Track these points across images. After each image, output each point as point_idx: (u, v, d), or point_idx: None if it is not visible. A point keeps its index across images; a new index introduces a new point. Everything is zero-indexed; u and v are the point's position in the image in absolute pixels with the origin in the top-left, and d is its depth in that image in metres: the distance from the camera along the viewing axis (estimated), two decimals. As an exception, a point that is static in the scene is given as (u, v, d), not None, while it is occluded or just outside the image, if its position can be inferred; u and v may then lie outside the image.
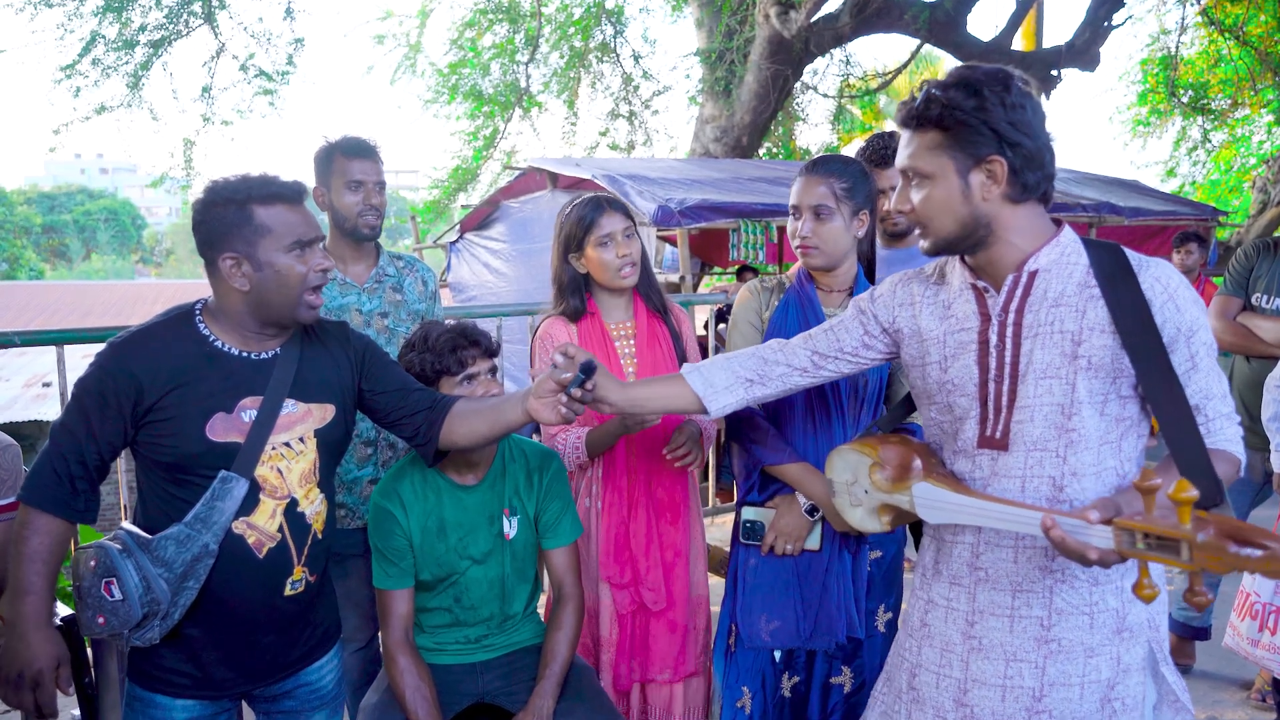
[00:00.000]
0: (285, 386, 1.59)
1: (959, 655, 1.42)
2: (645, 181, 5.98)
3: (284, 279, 1.54)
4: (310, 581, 1.65)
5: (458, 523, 1.91)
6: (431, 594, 1.95)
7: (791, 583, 1.90)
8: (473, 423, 1.68)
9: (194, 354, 1.55)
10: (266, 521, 1.57)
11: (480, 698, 1.95)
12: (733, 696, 1.92)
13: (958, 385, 1.40)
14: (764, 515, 1.91)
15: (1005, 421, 1.35)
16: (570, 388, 1.52)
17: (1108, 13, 9.30)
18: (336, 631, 1.79)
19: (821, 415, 1.89)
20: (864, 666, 1.95)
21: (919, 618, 1.50)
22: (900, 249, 2.40)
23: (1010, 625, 1.37)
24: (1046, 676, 1.35)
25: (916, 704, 1.47)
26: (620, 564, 2.10)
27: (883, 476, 1.44)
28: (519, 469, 1.97)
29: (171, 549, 1.49)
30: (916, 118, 1.34)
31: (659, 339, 2.12)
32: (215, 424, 1.53)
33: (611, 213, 2.05)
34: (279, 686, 1.70)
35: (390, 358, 1.77)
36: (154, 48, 10.10)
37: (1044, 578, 1.36)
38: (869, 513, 1.48)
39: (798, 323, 1.90)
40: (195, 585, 1.52)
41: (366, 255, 2.36)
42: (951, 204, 1.33)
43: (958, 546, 1.43)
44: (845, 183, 1.88)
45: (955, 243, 1.37)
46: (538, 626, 2.07)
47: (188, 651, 1.59)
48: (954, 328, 1.42)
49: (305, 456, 1.61)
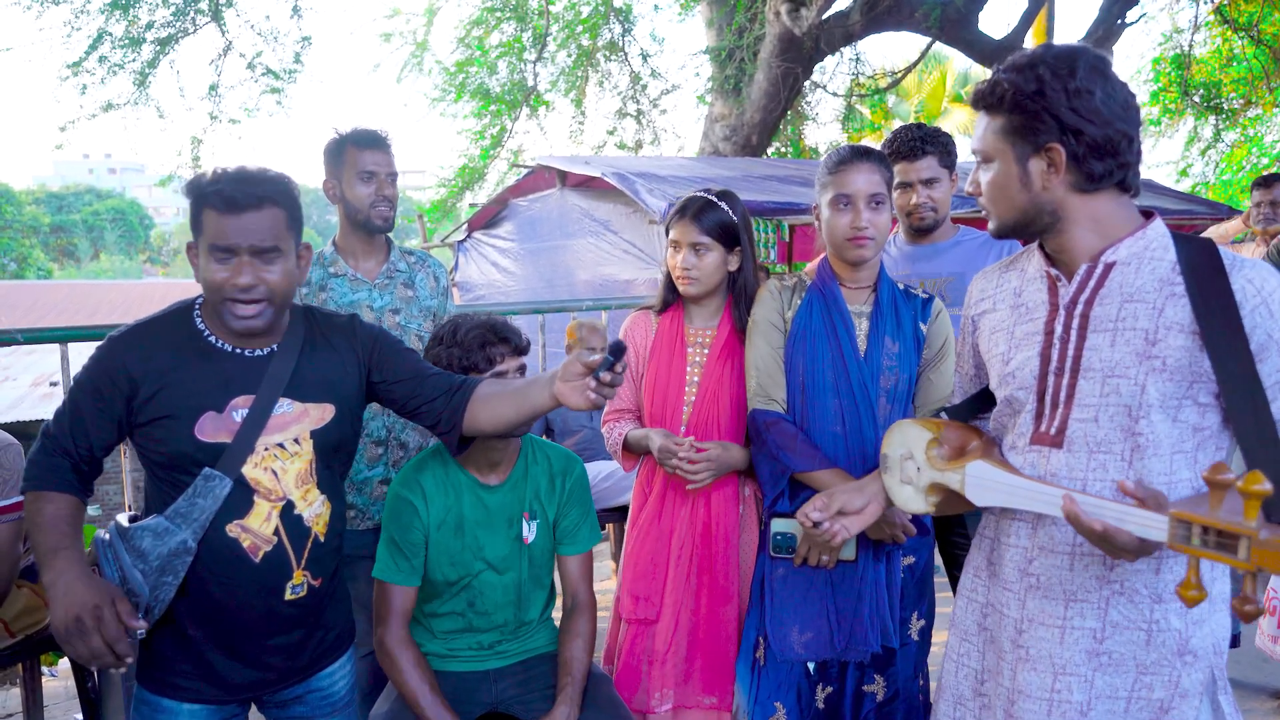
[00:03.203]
0: (280, 385, 1.54)
1: (1008, 664, 1.36)
2: (655, 180, 5.92)
3: (208, 282, 1.49)
4: (314, 586, 1.59)
5: (476, 522, 1.85)
6: (444, 599, 1.89)
7: (824, 593, 1.83)
8: (497, 406, 1.59)
9: (188, 349, 1.52)
10: (261, 524, 1.52)
11: (494, 706, 1.89)
12: (764, 713, 1.84)
13: (1018, 377, 1.34)
14: (795, 527, 1.82)
15: (1062, 418, 1.28)
16: (599, 371, 1.42)
17: (1121, 11, 9.21)
18: (350, 637, 1.74)
19: (852, 417, 1.82)
20: (897, 675, 1.88)
21: (976, 621, 1.43)
22: (925, 244, 2.34)
23: (1061, 636, 1.30)
24: (1094, 690, 1.28)
25: (986, 710, 1.41)
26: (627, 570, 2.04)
27: (939, 454, 1.38)
28: (541, 472, 1.91)
29: (148, 540, 1.46)
30: (983, 99, 1.30)
31: (734, 360, 2.01)
32: (205, 423, 1.49)
33: (685, 221, 1.98)
34: (289, 692, 1.65)
35: (403, 344, 1.70)
36: (161, 45, 10.09)
37: (1100, 588, 1.28)
38: (917, 491, 1.42)
39: (823, 322, 1.84)
40: (174, 581, 1.47)
41: (378, 250, 2.31)
42: (1010, 190, 1.29)
43: (1010, 550, 1.36)
44: (890, 174, 1.83)
45: (1016, 229, 1.32)
46: (553, 633, 2.01)
47: (192, 654, 1.55)
48: (1023, 317, 1.36)
49: (301, 458, 1.56)
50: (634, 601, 2.01)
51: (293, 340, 1.58)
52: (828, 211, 1.83)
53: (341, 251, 2.29)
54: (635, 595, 2.01)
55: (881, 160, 1.83)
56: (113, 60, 9.80)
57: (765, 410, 1.86)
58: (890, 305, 1.87)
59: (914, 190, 2.23)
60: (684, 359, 2.03)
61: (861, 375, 1.82)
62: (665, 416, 2.03)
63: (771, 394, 1.87)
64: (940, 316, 1.91)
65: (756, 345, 1.90)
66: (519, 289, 7.61)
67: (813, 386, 1.83)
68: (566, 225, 6.96)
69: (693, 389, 2.01)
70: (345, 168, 2.22)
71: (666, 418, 2.03)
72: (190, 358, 1.51)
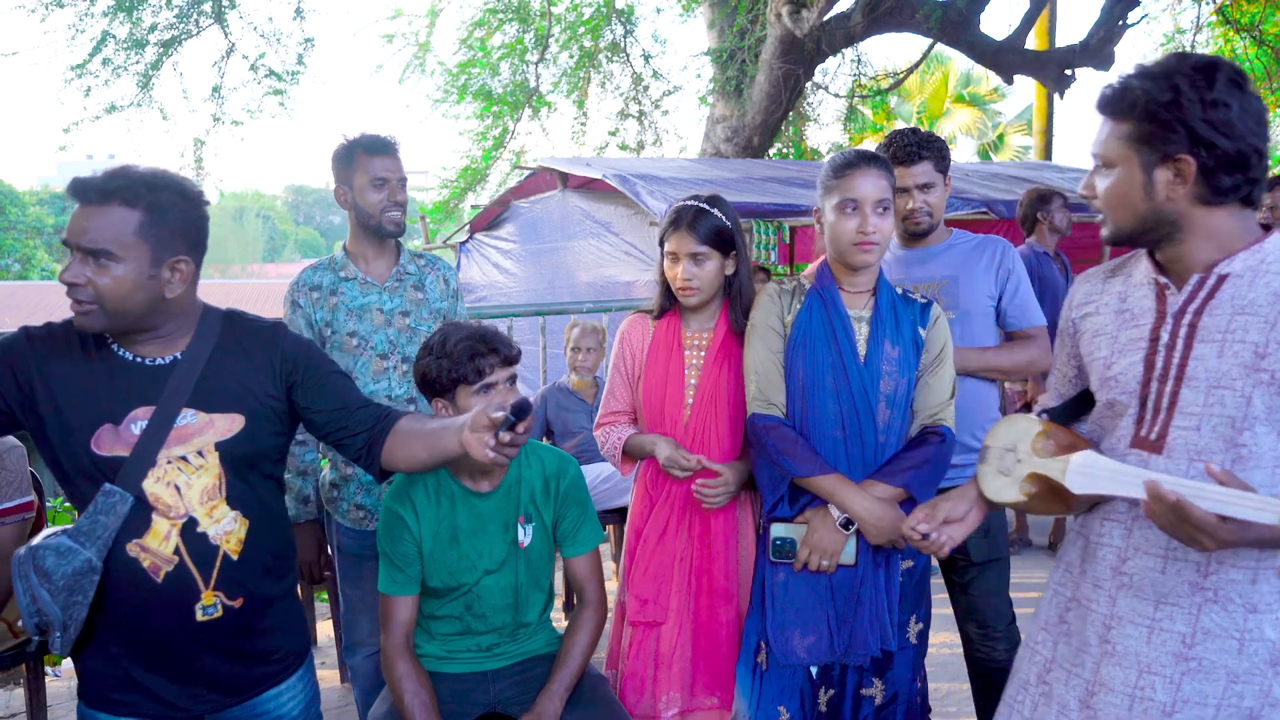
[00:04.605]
0: (183, 395, 1.47)
1: (1092, 657, 1.37)
2: (656, 181, 5.93)
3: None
4: (232, 606, 1.50)
5: (471, 530, 1.86)
6: (442, 602, 1.89)
7: (825, 597, 1.83)
8: (412, 446, 1.56)
9: (88, 357, 1.46)
10: (160, 544, 1.45)
11: (492, 707, 1.90)
12: (767, 716, 1.85)
13: (1120, 382, 1.35)
14: (795, 531, 1.83)
15: (1164, 424, 1.29)
16: (500, 429, 1.38)
17: (1123, 11, 9.19)
18: (298, 660, 1.66)
19: (852, 421, 1.82)
20: (895, 678, 1.89)
21: (1058, 614, 1.45)
22: (919, 248, 2.34)
23: (1148, 636, 1.31)
24: (1181, 693, 1.28)
25: (1045, 699, 1.42)
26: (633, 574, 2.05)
27: (1044, 446, 1.40)
28: (535, 475, 1.91)
29: (51, 559, 1.41)
30: (1110, 104, 1.28)
31: (731, 361, 2.01)
32: (101, 436, 1.43)
33: (681, 233, 1.97)
34: (232, 713, 1.58)
35: (334, 371, 1.64)
36: (164, 47, 10.12)
37: (1192, 594, 1.28)
38: (1013, 482, 1.44)
39: (822, 325, 1.84)
40: (84, 601, 1.42)
41: (387, 254, 2.33)
42: (1131, 198, 1.28)
43: (1103, 549, 1.38)
44: (893, 179, 1.84)
45: (1132, 237, 1.32)
46: (551, 635, 2.01)
47: (120, 671, 1.50)
48: (1127, 322, 1.37)
49: (207, 471, 1.48)
50: (640, 604, 2.01)
51: (200, 347, 1.51)
52: (833, 215, 1.83)
53: (351, 255, 2.31)
54: (642, 598, 2.01)
55: (886, 166, 1.84)
56: (116, 62, 9.82)
57: (765, 415, 1.86)
58: (890, 310, 1.87)
59: (910, 195, 2.23)
60: (682, 361, 2.04)
61: (862, 380, 1.82)
62: (664, 417, 2.04)
63: (771, 398, 1.87)
64: (939, 321, 1.91)
65: (756, 349, 1.90)
66: (520, 290, 7.63)
67: (813, 391, 1.83)
68: (568, 227, 6.97)
69: (691, 390, 2.02)
70: (356, 174, 2.23)
71: (665, 419, 2.03)
72: (90, 366, 1.46)
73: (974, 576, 2.23)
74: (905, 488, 1.80)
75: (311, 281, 2.27)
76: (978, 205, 6.31)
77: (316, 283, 2.27)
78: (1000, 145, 17.83)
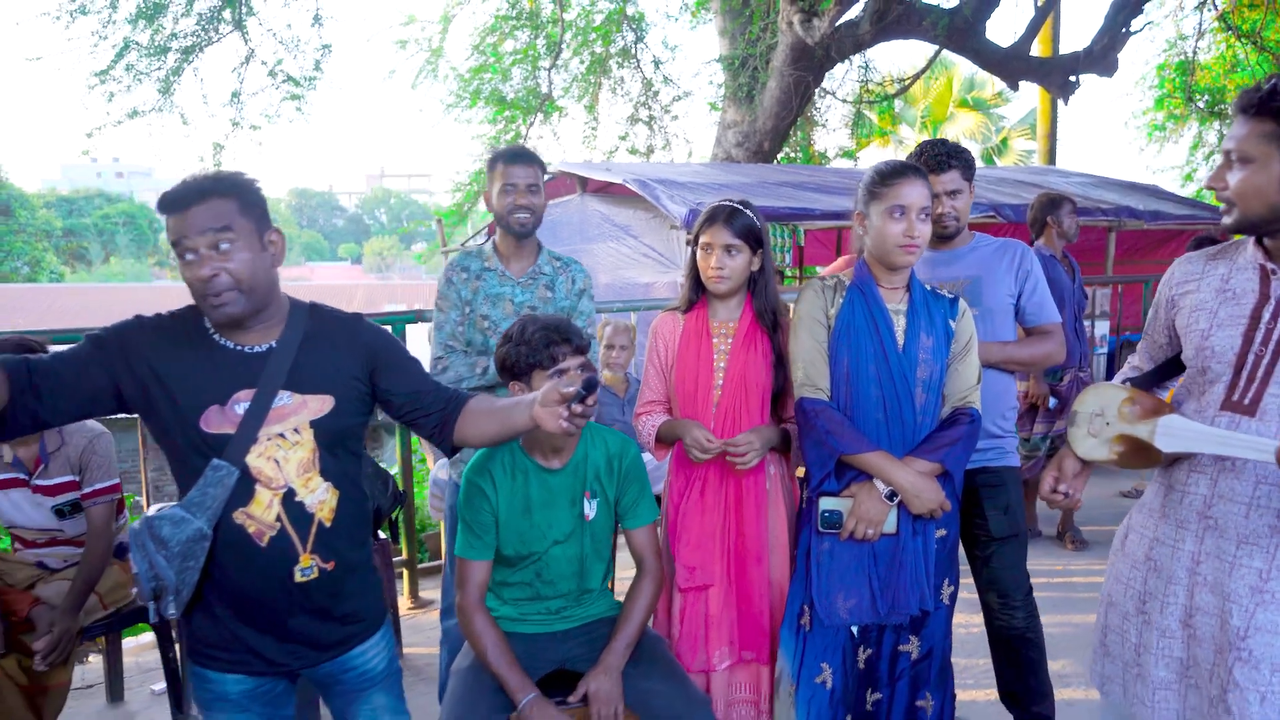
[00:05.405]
0: (279, 378, 1.63)
1: (1184, 586, 1.60)
2: (675, 186, 6.10)
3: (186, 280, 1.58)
4: (326, 569, 1.67)
5: (542, 503, 2.04)
6: (514, 569, 2.08)
7: (867, 564, 2.02)
8: (483, 424, 1.74)
9: (194, 346, 1.62)
10: (263, 511, 1.61)
11: (562, 663, 2.09)
12: (811, 674, 2.03)
13: (1217, 352, 1.56)
14: (842, 504, 2.01)
15: (1258, 391, 1.50)
16: (572, 402, 1.56)
17: (1126, 19, 9.36)
18: (379, 619, 1.83)
19: (893, 404, 2.01)
20: (930, 635, 2.08)
21: (1144, 552, 1.70)
22: (945, 250, 2.53)
23: (1230, 570, 1.53)
24: (1254, 621, 1.50)
25: (1146, 625, 1.66)
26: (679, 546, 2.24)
27: (1132, 410, 1.61)
28: (600, 455, 2.10)
29: (167, 529, 1.57)
30: (1256, 105, 1.44)
31: (756, 346, 2.22)
32: (209, 415, 1.59)
33: (716, 226, 2.19)
34: (326, 668, 1.75)
35: (409, 357, 1.81)
36: (185, 54, 10.29)
37: (1271, 535, 1.50)
38: (1102, 443, 1.67)
39: (865, 318, 2.03)
40: (195, 566, 1.58)
41: (526, 254, 2.63)
42: (1267, 190, 1.45)
43: (1189, 495, 1.61)
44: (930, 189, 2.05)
45: (1259, 225, 1.50)
46: (611, 601, 2.20)
47: (226, 631, 1.66)
48: (1228, 300, 1.58)
49: (302, 447, 1.64)
50: (689, 571, 2.21)
51: (291, 336, 1.66)
52: (880, 220, 2.01)
53: (498, 249, 2.64)
54: (689, 566, 2.21)
55: (926, 177, 2.04)
56: (139, 69, 10.02)
57: (813, 399, 2.05)
58: (923, 304, 2.07)
59: (939, 201, 2.42)
60: (711, 349, 2.24)
61: (901, 366, 2.01)
62: (696, 402, 2.24)
63: (818, 383, 2.06)
64: (965, 315, 2.11)
65: (802, 339, 2.09)
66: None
67: (856, 377, 2.02)
68: (587, 230, 7.13)
69: (720, 374, 2.23)
70: (494, 180, 2.58)
71: (698, 403, 2.23)
72: (196, 354, 1.61)
73: (995, 550, 2.42)
74: (941, 463, 2.00)
75: (462, 264, 2.63)
76: (985, 209, 6.47)
77: (465, 265, 2.61)
78: (1004, 149, 17.99)
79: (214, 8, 10.13)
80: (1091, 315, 5.90)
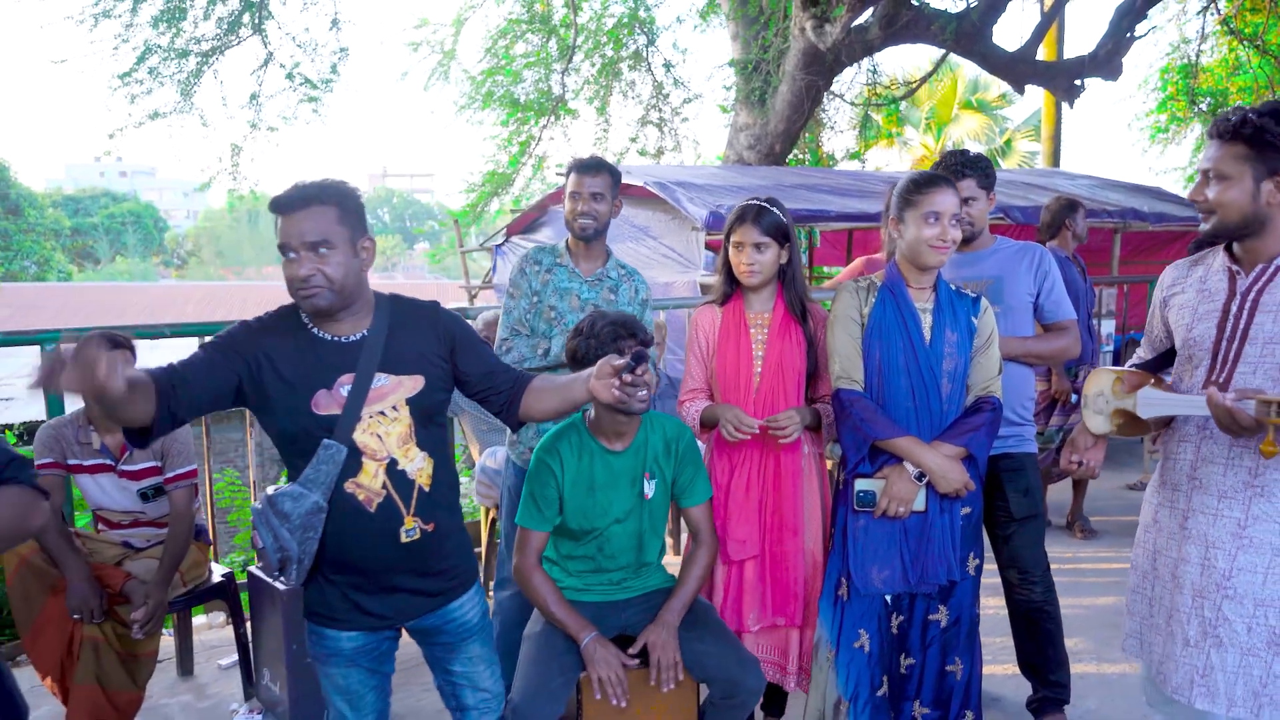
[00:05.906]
0: (374, 363, 1.81)
1: (1176, 540, 1.89)
2: (694, 189, 6.28)
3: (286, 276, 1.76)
4: (426, 530, 1.86)
5: (605, 483, 2.25)
6: (578, 544, 2.29)
7: (899, 539, 2.23)
8: (545, 400, 1.94)
9: (297, 340, 1.81)
10: (370, 480, 1.81)
11: (623, 629, 2.31)
12: (850, 639, 2.24)
13: (1198, 342, 1.86)
14: (875, 485, 2.23)
15: (1229, 372, 1.78)
16: (622, 373, 1.75)
17: (1130, 24, 9.53)
18: (473, 575, 2.03)
19: (921, 394, 2.22)
20: (958, 604, 2.28)
21: (1153, 516, 1.99)
22: (967, 252, 2.73)
23: (1213, 521, 1.81)
24: (1236, 563, 1.77)
25: (1155, 576, 1.96)
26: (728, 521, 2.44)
27: (1121, 388, 1.93)
28: (658, 439, 2.31)
29: (288, 504, 1.76)
30: (1231, 132, 1.73)
31: (790, 335, 2.44)
32: (318, 399, 1.78)
33: (746, 225, 2.40)
34: (427, 621, 1.95)
35: (480, 341, 1.99)
36: (205, 57, 10.48)
37: (1245, 490, 1.78)
38: (1105, 418, 1.97)
39: (895, 316, 2.24)
40: (314, 536, 1.77)
41: (595, 256, 2.81)
42: (1240, 202, 1.75)
43: (1178, 461, 1.91)
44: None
45: (1232, 231, 1.79)
46: (666, 574, 2.42)
47: (339, 593, 1.86)
48: (1205, 298, 1.87)
49: (400, 422, 1.83)
50: (739, 545, 2.42)
51: (380, 324, 1.85)
52: (915, 225, 2.20)
53: (569, 248, 2.84)
54: (739, 539, 2.42)
55: (956, 186, 2.24)
56: (161, 71, 10.21)
57: (849, 389, 2.25)
58: (949, 302, 2.27)
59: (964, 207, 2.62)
60: (749, 338, 2.45)
61: (928, 360, 2.22)
62: (738, 387, 2.44)
63: (853, 375, 2.26)
64: (987, 311, 2.31)
65: (838, 335, 2.29)
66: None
67: (888, 369, 2.23)
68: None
69: (759, 361, 2.44)
70: (567, 186, 2.78)
71: (740, 388, 2.44)
72: (298, 345, 1.80)
73: (1015, 529, 2.63)
74: (966, 447, 2.21)
75: (535, 257, 2.83)
76: (994, 211, 6.63)
77: (538, 259, 2.82)
78: (1008, 151, 18.18)
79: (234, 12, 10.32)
80: (1098, 314, 6.09)
